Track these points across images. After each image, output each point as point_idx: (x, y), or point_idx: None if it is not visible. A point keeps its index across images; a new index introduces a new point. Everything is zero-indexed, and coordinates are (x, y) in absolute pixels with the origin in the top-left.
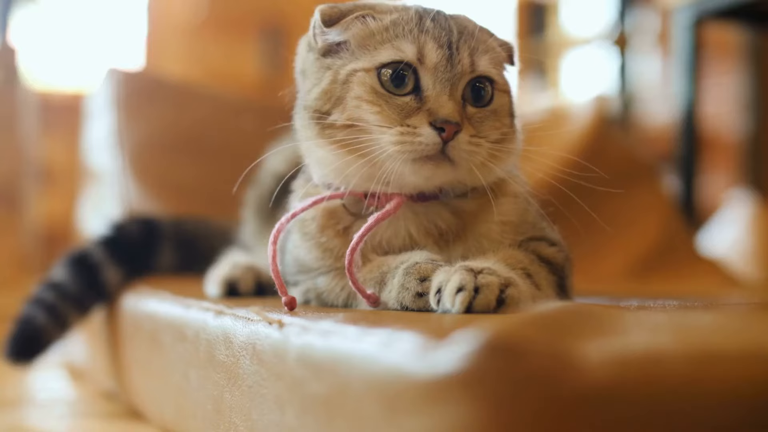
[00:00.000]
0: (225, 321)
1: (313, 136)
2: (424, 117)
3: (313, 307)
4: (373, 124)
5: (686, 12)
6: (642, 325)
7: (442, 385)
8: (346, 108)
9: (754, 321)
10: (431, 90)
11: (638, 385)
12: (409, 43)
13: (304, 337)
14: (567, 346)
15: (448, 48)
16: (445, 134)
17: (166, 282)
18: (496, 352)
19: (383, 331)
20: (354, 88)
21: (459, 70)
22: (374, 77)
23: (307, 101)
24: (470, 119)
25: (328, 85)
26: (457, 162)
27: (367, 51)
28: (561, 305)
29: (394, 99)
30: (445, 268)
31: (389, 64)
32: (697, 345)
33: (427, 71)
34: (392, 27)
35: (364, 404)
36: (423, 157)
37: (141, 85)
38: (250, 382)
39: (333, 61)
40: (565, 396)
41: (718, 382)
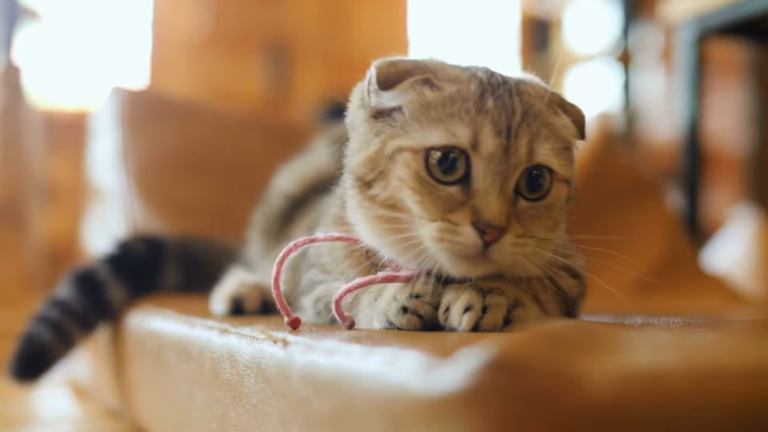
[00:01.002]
0: (230, 339)
1: (353, 205)
2: (468, 214)
3: (318, 325)
4: (413, 212)
5: (689, 28)
6: (646, 342)
7: (446, 403)
8: (389, 186)
9: (758, 338)
10: (481, 183)
11: (642, 402)
12: (464, 126)
13: (309, 356)
14: (571, 363)
15: (506, 135)
16: (487, 237)
17: (170, 300)
18: (500, 370)
19: (387, 349)
20: (398, 168)
21: (515, 160)
22: (421, 161)
23: (352, 164)
24: (519, 216)
25: (374, 153)
26: (497, 262)
27: (419, 126)
28: (565, 323)
29: (438, 189)
30: (455, 286)
31: (441, 147)
32: (701, 362)
33: (480, 161)
34: (449, 103)
35: (368, 423)
36: (461, 255)
37: (145, 103)
38: (254, 401)
39: (382, 127)
40: (570, 414)
41: (723, 399)
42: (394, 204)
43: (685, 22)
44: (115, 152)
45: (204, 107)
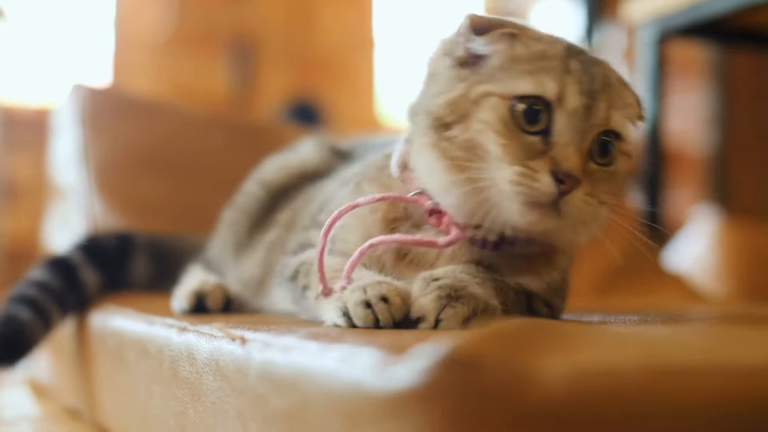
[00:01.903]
0: (188, 337)
1: (426, 143)
2: (547, 163)
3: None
4: (493, 155)
5: (650, 29)
6: (601, 339)
7: (400, 399)
8: (470, 128)
9: (714, 335)
10: (561, 136)
11: (596, 399)
12: (551, 81)
13: (266, 353)
14: (525, 360)
15: (588, 96)
16: (564, 186)
17: (133, 299)
18: (453, 367)
19: (343, 346)
20: (483, 112)
21: (593, 121)
22: (507, 107)
23: (431, 106)
24: (589, 176)
25: (458, 97)
26: (565, 216)
27: (506, 75)
28: (521, 320)
29: (521, 136)
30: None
31: (527, 97)
32: (657, 359)
33: (563, 115)
34: (537, 59)
35: (325, 420)
36: (535, 202)
37: (107, 101)
38: (213, 398)
39: (468, 74)
40: (523, 410)
41: (677, 397)
42: (472, 147)
43: (646, 22)
44: (76, 150)
45: (166, 106)
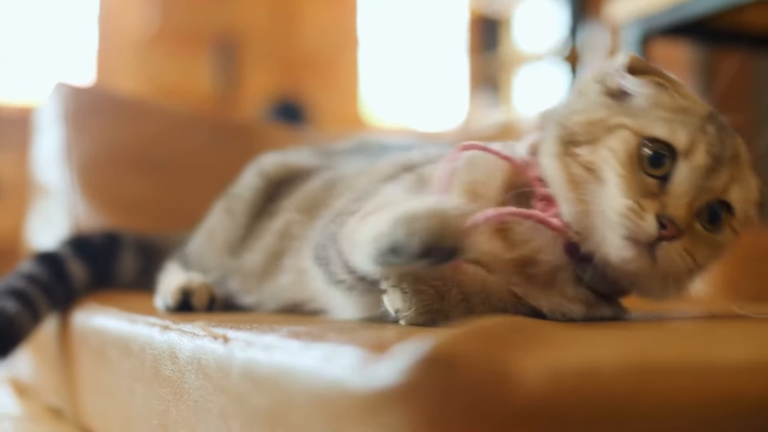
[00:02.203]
0: (171, 336)
1: (552, 152)
2: (656, 206)
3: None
4: (609, 183)
5: (634, 28)
6: (580, 338)
7: (381, 398)
8: (596, 152)
9: (696, 334)
10: (678, 186)
11: (574, 397)
12: (685, 133)
13: (248, 352)
14: (505, 359)
15: (714, 160)
16: (665, 231)
17: (116, 298)
18: (433, 366)
19: (325, 345)
20: (614, 141)
21: (711, 185)
22: (636, 144)
23: (568, 119)
24: (692, 234)
25: (596, 120)
26: (658, 262)
27: (645, 116)
28: (501, 319)
29: (641, 175)
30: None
31: (657, 141)
32: (637, 358)
33: (685, 168)
34: (679, 111)
35: (306, 418)
36: (634, 238)
37: (90, 99)
38: (195, 397)
39: (612, 104)
40: (502, 409)
41: (657, 395)
42: (592, 169)
43: (630, 22)
44: (58, 149)
45: (150, 104)
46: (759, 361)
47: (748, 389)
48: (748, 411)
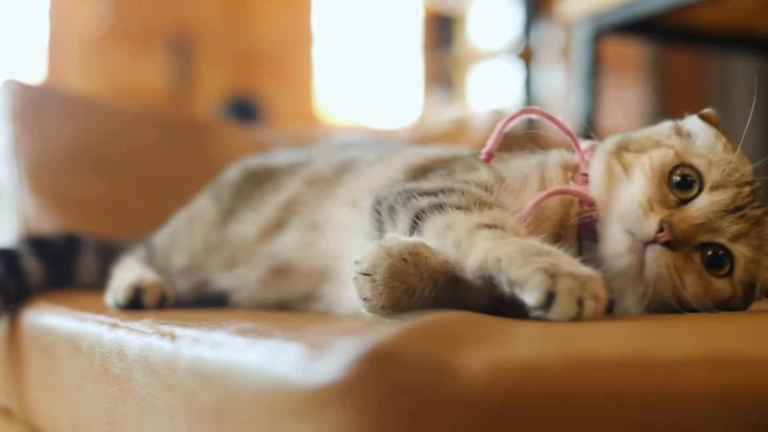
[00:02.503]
0: (119, 334)
1: (605, 150)
2: (665, 213)
3: (208, 318)
4: (636, 182)
5: (585, 26)
6: (524, 333)
7: (323, 394)
8: (639, 158)
9: (639, 328)
10: (693, 210)
11: (515, 392)
12: (719, 174)
13: (195, 349)
14: (448, 354)
15: (735, 208)
16: (660, 234)
17: (67, 297)
18: (374, 361)
19: (271, 342)
20: (657, 153)
21: (722, 227)
22: (674, 164)
23: (630, 134)
24: (687, 257)
25: (653, 137)
26: (645, 266)
27: (695, 152)
28: (446, 314)
29: (666, 188)
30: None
31: (693, 168)
32: (578, 352)
33: (707, 198)
34: (725, 162)
35: (252, 414)
36: (630, 232)
37: (39, 97)
38: (143, 394)
39: (673, 136)
40: (443, 404)
41: (598, 389)
42: (627, 169)
43: (581, 20)
44: (6, 147)
45: (101, 102)
46: (701, 356)
47: (690, 383)
48: (690, 404)
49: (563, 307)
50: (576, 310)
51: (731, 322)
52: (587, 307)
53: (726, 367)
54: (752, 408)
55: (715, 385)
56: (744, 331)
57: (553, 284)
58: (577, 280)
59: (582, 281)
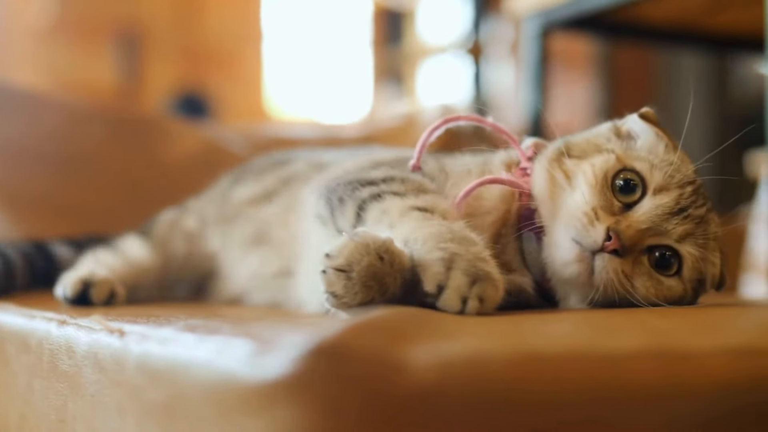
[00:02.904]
0: (68, 330)
1: (546, 156)
2: (611, 220)
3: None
4: (580, 189)
5: (533, 22)
6: (471, 327)
7: (271, 389)
8: (580, 165)
9: (586, 323)
10: (637, 214)
11: (462, 387)
12: (661, 176)
13: (144, 345)
14: (395, 349)
15: (680, 210)
16: (608, 243)
17: (17, 295)
18: (321, 356)
19: (219, 338)
20: (599, 158)
21: (668, 229)
22: (616, 168)
23: (569, 138)
24: (636, 262)
25: (592, 142)
26: (594, 274)
27: (636, 153)
28: (394, 309)
29: (609, 193)
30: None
31: (636, 173)
32: (524, 346)
33: (650, 202)
34: (666, 164)
35: (200, 411)
36: (579, 242)
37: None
38: (92, 391)
39: (614, 140)
40: (390, 398)
41: (543, 383)
42: (569, 177)
43: (530, 15)
44: None
45: (48, 97)
46: (647, 349)
47: (636, 376)
48: (636, 398)
49: (448, 302)
50: (459, 307)
51: (677, 316)
52: (470, 306)
53: (671, 360)
54: (698, 400)
55: (660, 379)
56: (689, 324)
57: (445, 278)
58: (469, 278)
59: (473, 280)
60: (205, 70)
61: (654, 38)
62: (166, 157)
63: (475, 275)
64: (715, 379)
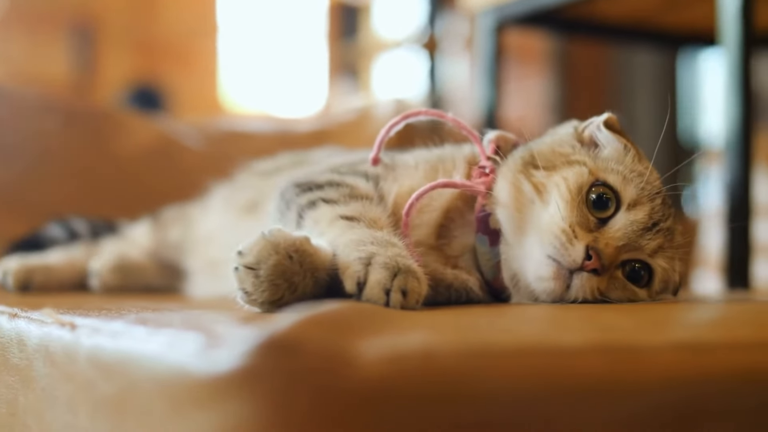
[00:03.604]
0: (19, 323)
1: (511, 168)
2: (589, 238)
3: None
4: (553, 204)
5: (488, 17)
6: (422, 322)
7: (221, 383)
8: (550, 177)
9: (535, 318)
10: (614, 230)
11: (412, 381)
12: (635, 191)
13: (95, 339)
14: (343, 343)
15: (652, 224)
16: (588, 262)
17: None
18: (270, 350)
19: (170, 331)
20: (570, 172)
21: (642, 244)
22: (589, 182)
23: (533, 147)
24: (612, 278)
25: (560, 151)
26: (571, 291)
27: (606, 166)
28: (343, 304)
29: (584, 208)
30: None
31: (609, 187)
32: (474, 341)
33: (625, 218)
34: (635, 176)
35: (151, 404)
36: (557, 261)
37: None
38: (43, 384)
39: (579, 148)
40: (340, 392)
41: (493, 377)
42: (540, 190)
43: (484, 11)
44: None
45: (1, 88)
46: (596, 344)
47: (584, 371)
48: (584, 392)
49: (370, 296)
50: (383, 299)
51: (626, 312)
52: (393, 298)
53: (620, 355)
54: (645, 395)
55: (608, 373)
56: (638, 320)
57: (365, 273)
58: (389, 271)
59: (394, 273)
60: (160, 62)
61: (609, 35)
62: (120, 150)
63: (394, 268)
64: (663, 374)
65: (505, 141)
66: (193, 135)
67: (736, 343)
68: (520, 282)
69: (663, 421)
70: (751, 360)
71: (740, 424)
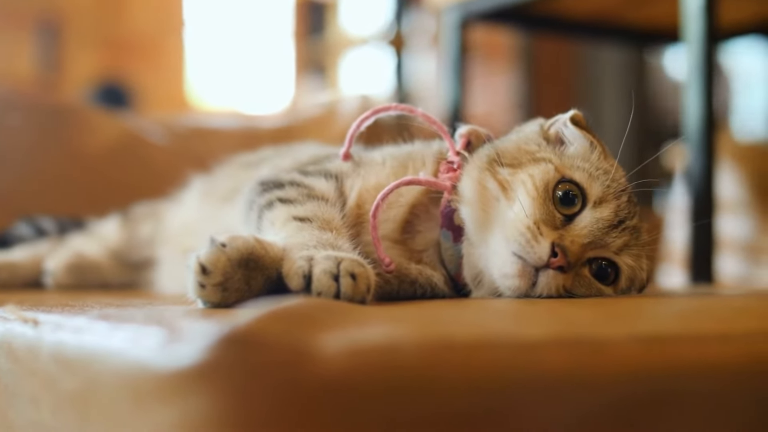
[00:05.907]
0: None
1: (477, 165)
2: (555, 235)
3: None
4: (519, 201)
5: (453, 13)
6: (382, 315)
7: (182, 377)
8: (516, 175)
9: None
10: (580, 228)
11: (373, 374)
12: (601, 189)
13: (58, 335)
14: (304, 337)
15: (618, 222)
16: (554, 259)
17: None
18: (231, 345)
19: (132, 326)
20: (536, 169)
21: (608, 242)
22: (555, 180)
23: (499, 144)
24: (577, 275)
25: (525, 150)
26: (537, 288)
27: (572, 163)
28: (304, 299)
29: (550, 206)
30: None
31: (575, 184)
32: (435, 334)
33: (591, 215)
34: (602, 173)
35: (114, 399)
36: (523, 258)
37: None
38: (6, 381)
39: (545, 144)
40: (300, 386)
41: (454, 370)
42: (505, 188)
43: (450, 7)
44: None
45: None
46: (558, 338)
47: (546, 365)
48: (544, 385)
49: (319, 285)
50: (333, 286)
51: (589, 306)
52: (343, 283)
53: (582, 348)
54: (608, 387)
55: (571, 366)
56: (601, 313)
57: (308, 266)
58: (332, 262)
59: (338, 262)
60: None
61: (574, 31)
62: (85, 146)
63: (337, 259)
64: (625, 366)
65: (477, 136)
66: (159, 131)
67: (699, 336)
68: (483, 279)
69: (625, 412)
70: (712, 352)
71: (702, 415)
